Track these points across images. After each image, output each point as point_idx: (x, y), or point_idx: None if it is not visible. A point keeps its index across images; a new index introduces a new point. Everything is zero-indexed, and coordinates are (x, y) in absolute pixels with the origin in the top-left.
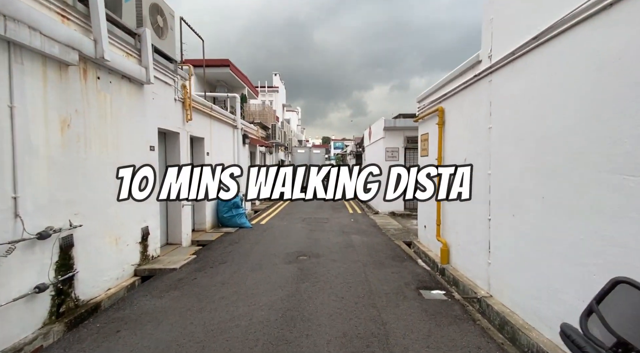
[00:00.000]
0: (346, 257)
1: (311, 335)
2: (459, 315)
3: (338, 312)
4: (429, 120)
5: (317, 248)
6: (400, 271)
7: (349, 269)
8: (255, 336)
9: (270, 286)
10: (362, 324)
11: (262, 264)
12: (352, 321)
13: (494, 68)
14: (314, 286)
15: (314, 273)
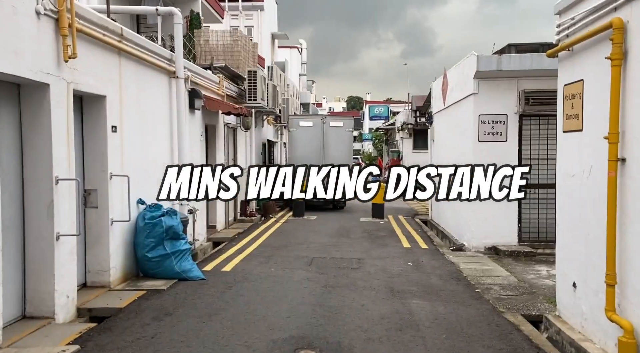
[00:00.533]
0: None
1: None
2: None
3: None
4: (587, 52)
5: (338, 332)
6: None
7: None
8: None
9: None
10: None
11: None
12: None
13: None
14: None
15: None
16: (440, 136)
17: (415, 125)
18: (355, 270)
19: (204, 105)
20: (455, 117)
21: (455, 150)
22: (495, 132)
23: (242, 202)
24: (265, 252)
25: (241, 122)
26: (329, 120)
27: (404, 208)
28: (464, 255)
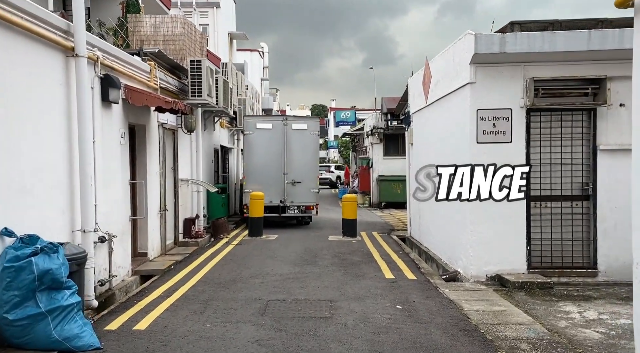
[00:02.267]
0: None
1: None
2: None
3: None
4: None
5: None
6: None
7: None
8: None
9: None
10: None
11: None
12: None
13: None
14: None
15: None
16: (422, 139)
17: (386, 130)
18: (327, 322)
19: (125, 97)
20: (442, 115)
21: (443, 155)
22: (498, 132)
23: (185, 220)
24: (204, 293)
25: (183, 123)
26: (292, 122)
27: (378, 222)
28: (463, 289)
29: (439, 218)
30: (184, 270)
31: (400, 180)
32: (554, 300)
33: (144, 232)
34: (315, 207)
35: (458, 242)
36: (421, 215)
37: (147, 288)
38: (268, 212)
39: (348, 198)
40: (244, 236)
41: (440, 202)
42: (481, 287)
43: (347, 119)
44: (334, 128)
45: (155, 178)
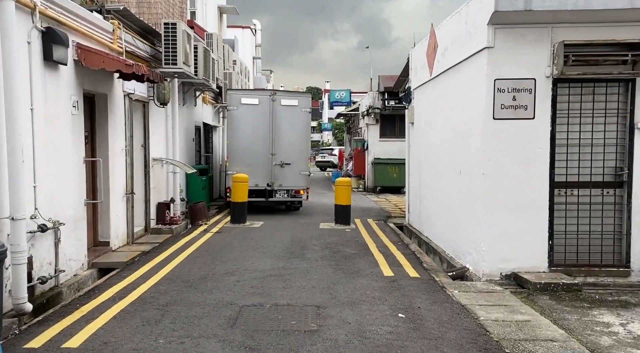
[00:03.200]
0: None
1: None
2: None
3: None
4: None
5: None
6: None
7: None
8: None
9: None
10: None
11: None
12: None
13: None
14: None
15: None
16: (425, 117)
17: (383, 110)
18: (313, 337)
19: (77, 59)
20: (450, 89)
21: (450, 135)
22: (518, 106)
23: (158, 204)
24: (166, 294)
25: (155, 94)
26: (280, 97)
27: (373, 208)
28: (475, 290)
29: (443, 206)
30: (149, 264)
31: (397, 164)
32: (586, 306)
33: (106, 218)
34: (306, 191)
35: (467, 234)
36: (422, 201)
37: (100, 286)
38: (254, 196)
39: (342, 183)
40: (225, 223)
41: (444, 188)
42: (496, 288)
43: (341, 99)
44: (328, 110)
45: (120, 157)
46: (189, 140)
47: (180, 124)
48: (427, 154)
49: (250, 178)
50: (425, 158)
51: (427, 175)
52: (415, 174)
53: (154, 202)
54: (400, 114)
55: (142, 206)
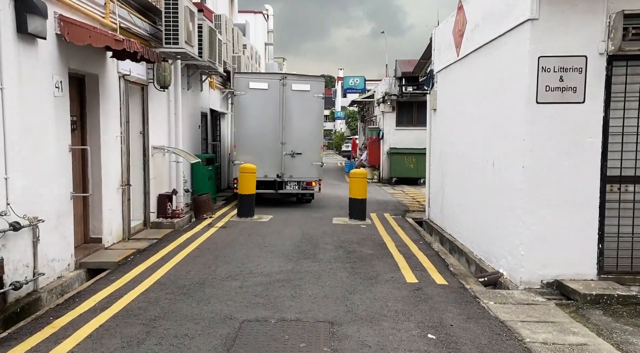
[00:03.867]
0: None
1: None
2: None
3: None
4: None
5: None
6: None
7: None
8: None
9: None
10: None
11: None
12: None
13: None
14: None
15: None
16: (450, 102)
17: (400, 97)
18: None
19: (60, 33)
20: (482, 69)
21: (481, 123)
22: (566, 88)
23: (159, 196)
24: (156, 305)
25: (155, 77)
26: (291, 81)
27: (389, 201)
28: (513, 301)
29: (471, 201)
30: (143, 264)
31: (414, 154)
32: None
33: (98, 213)
34: (318, 183)
35: (501, 234)
36: (445, 195)
37: (83, 292)
38: (262, 188)
39: (357, 174)
40: (231, 216)
41: (473, 182)
42: (537, 299)
43: (355, 86)
44: (342, 99)
45: (115, 145)
46: (194, 127)
47: (184, 109)
48: (452, 144)
49: (259, 168)
50: (450, 148)
51: (451, 166)
52: (438, 165)
53: (154, 193)
54: (419, 100)
55: (140, 198)
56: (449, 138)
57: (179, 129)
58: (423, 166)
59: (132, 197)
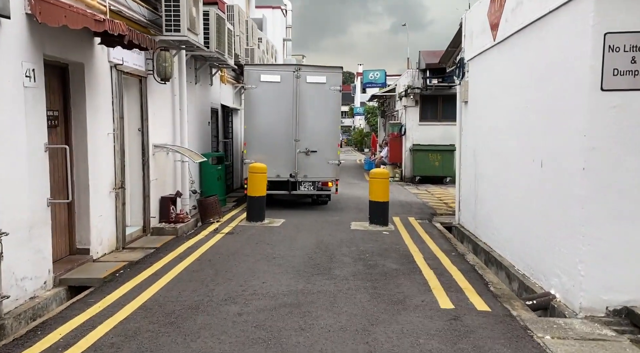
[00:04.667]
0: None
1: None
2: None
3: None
4: None
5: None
6: None
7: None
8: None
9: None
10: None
11: None
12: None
13: None
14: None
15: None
16: (485, 94)
17: (424, 90)
18: None
19: (31, 12)
20: (527, 54)
21: (526, 115)
22: (639, 72)
23: (162, 199)
24: (132, 341)
25: (155, 68)
26: (306, 73)
27: (414, 202)
28: (575, 334)
29: (512, 207)
30: (131, 281)
31: (439, 150)
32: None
33: (85, 220)
34: (335, 183)
35: (551, 247)
36: (478, 198)
37: (50, 321)
38: (274, 189)
39: (378, 174)
40: (240, 220)
41: (515, 184)
42: (605, 333)
43: (375, 80)
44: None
45: (106, 143)
46: (203, 123)
47: (190, 104)
48: (487, 140)
49: (271, 168)
50: (485, 145)
51: (486, 166)
52: (470, 164)
53: (155, 196)
54: (444, 94)
55: (139, 202)
56: (484, 133)
57: (184, 125)
58: (449, 164)
59: (129, 201)
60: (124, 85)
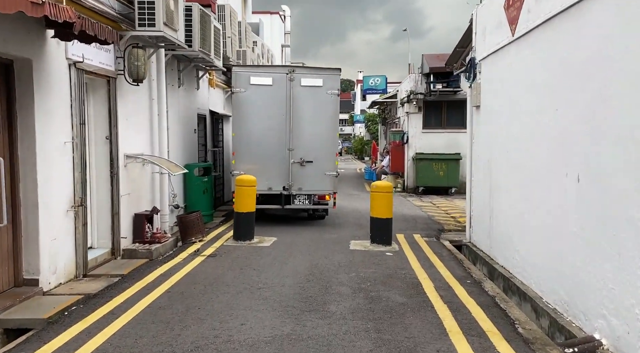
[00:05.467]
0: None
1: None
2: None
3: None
4: None
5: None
6: None
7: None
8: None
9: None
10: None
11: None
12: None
13: None
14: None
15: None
16: (503, 96)
17: (427, 95)
18: None
19: None
20: (557, 48)
21: (558, 120)
22: None
23: (135, 217)
24: None
25: (126, 67)
26: (300, 75)
27: (418, 216)
28: None
29: (536, 226)
30: (81, 322)
31: (444, 159)
32: None
33: (34, 245)
34: (333, 196)
35: (599, 282)
36: (494, 215)
37: None
38: (266, 203)
39: (380, 188)
40: (226, 239)
41: (543, 201)
42: None
43: (376, 86)
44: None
45: (62, 154)
46: (189, 131)
47: (173, 110)
48: (505, 149)
49: (262, 180)
50: (502, 154)
51: (505, 179)
52: (484, 176)
53: (127, 213)
54: (449, 99)
55: (106, 221)
56: (500, 142)
57: (163, 133)
58: (454, 174)
59: (95, 220)
60: (88, 86)
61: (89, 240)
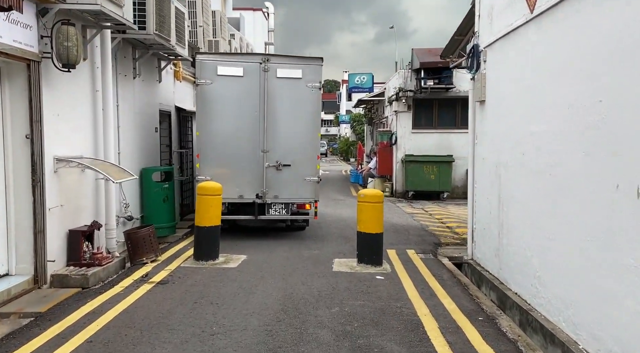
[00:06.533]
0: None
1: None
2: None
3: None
4: None
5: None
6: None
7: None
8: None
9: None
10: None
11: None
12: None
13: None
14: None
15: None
16: (514, 88)
17: (417, 93)
18: None
19: None
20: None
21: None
22: None
23: (71, 234)
24: None
25: (53, 48)
26: (276, 64)
27: (411, 226)
28: None
29: (571, 250)
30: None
31: (435, 162)
32: None
33: None
34: (314, 205)
35: None
36: (505, 230)
37: None
38: (237, 213)
39: (370, 197)
40: (186, 258)
41: (577, 216)
42: None
43: (362, 84)
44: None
45: None
46: (148, 130)
47: (126, 104)
48: (521, 151)
49: (232, 186)
50: (517, 158)
51: (521, 187)
52: (491, 182)
53: (59, 230)
54: (441, 97)
55: (28, 240)
56: (514, 143)
57: (110, 131)
58: (446, 177)
59: (13, 240)
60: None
61: (3, 266)
